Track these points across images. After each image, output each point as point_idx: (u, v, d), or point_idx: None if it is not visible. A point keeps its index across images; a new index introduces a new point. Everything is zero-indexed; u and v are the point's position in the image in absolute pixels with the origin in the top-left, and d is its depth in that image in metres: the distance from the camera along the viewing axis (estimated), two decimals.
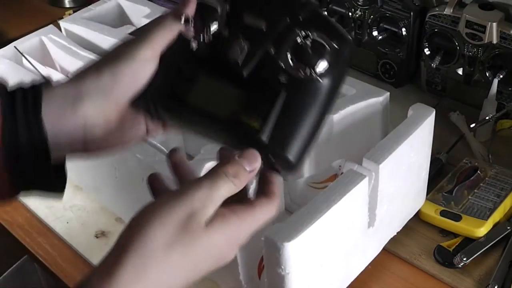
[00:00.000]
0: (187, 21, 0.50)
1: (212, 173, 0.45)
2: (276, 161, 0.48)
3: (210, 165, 0.68)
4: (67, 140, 0.47)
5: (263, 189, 0.48)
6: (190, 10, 0.51)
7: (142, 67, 0.48)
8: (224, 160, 0.47)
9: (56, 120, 0.47)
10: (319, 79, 0.48)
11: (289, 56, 0.48)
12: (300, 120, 0.48)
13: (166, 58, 0.50)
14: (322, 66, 0.48)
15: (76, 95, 0.47)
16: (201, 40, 0.50)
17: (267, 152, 0.47)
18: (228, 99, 0.48)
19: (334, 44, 0.49)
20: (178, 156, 0.52)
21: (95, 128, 0.48)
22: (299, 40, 0.48)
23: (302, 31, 0.49)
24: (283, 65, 0.48)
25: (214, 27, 0.50)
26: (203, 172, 0.68)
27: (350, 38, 0.51)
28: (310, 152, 0.49)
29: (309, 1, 0.51)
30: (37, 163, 0.47)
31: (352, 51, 0.51)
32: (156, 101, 0.50)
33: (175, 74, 0.50)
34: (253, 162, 0.46)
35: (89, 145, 0.49)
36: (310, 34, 0.49)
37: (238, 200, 0.47)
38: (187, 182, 0.46)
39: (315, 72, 0.48)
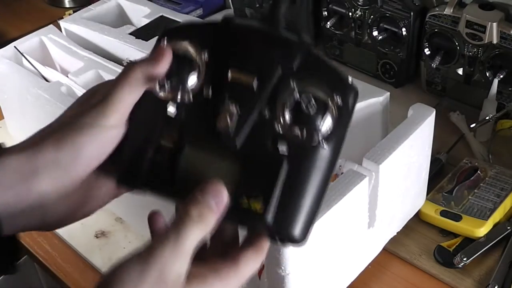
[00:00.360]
0: (160, 83, 0.43)
1: (176, 220, 0.39)
2: (281, 239, 0.43)
3: None
4: (22, 218, 0.42)
5: (251, 240, 0.43)
6: (163, 68, 0.43)
7: (108, 135, 0.42)
8: (187, 200, 0.40)
9: (7, 198, 0.40)
10: (324, 144, 0.42)
11: (286, 118, 0.41)
12: (305, 193, 0.41)
13: (138, 125, 0.43)
14: (325, 128, 0.41)
15: (31, 170, 0.41)
16: (180, 102, 0.43)
17: (272, 234, 0.42)
18: (219, 176, 0.41)
19: (338, 97, 0.42)
20: (157, 220, 0.44)
21: (54, 206, 0.42)
22: (296, 97, 0.41)
23: (298, 85, 0.41)
24: (280, 130, 0.41)
25: (193, 84, 0.43)
26: None
27: (353, 82, 0.43)
28: (314, 223, 0.43)
29: (301, 41, 0.43)
30: None
31: (357, 97, 0.43)
32: (129, 178, 0.43)
33: (152, 146, 0.43)
34: (219, 196, 0.40)
35: (48, 221, 0.43)
36: (307, 88, 0.41)
37: (221, 253, 0.42)
38: (154, 237, 0.40)
39: (319, 137, 0.41)
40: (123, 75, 0.43)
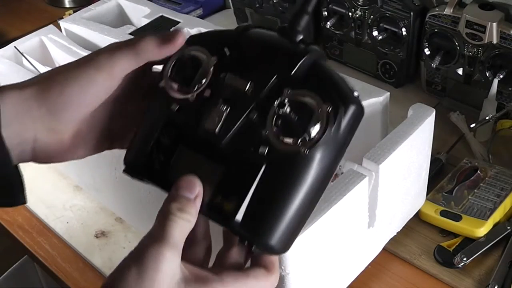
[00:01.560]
0: (171, 81, 0.45)
1: (159, 219, 0.40)
2: (255, 245, 0.42)
3: None
4: (17, 152, 0.44)
5: (259, 261, 0.44)
6: (172, 48, 0.46)
7: (95, 89, 0.45)
8: (165, 199, 0.42)
9: (10, 132, 0.43)
10: (305, 152, 0.41)
11: (272, 124, 0.41)
12: (283, 201, 0.41)
13: (147, 119, 0.46)
14: (309, 136, 0.41)
15: (26, 110, 0.44)
16: (183, 101, 0.44)
17: (243, 238, 0.42)
18: (203, 175, 0.42)
19: (328, 107, 0.41)
20: None
21: (45, 144, 0.45)
22: (285, 104, 0.41)
23: (291, 93, 0.42)
24: (265, 135, 0.41)
25: (198, 85, 0.44)
26: None
27: (357, 96, 0.43)
28: (298, 234, 0.43)
29: (306, 51, 0.44)
30: None
31: (360, 113, 0.43)
32: (131, 164, 0.47)
33: (152, 141, 0.45)
34: (192, 188, 0.41)
35: (38, 157, 0.46)
36: (299, 96, 0.41)
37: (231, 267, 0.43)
38: (143, 237, 0.41)
39: (301, 144, 0.41)
40: (132, 42, 0.45)
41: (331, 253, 0.68)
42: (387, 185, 0.72)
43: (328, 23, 1.13)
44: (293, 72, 0.43)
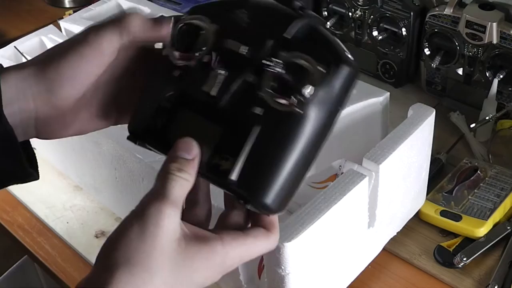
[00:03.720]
0: (173, 49, 0.47)
1: (159, 178, 0.42)
2: (250, 204, 0.43)
3: None
4: (20, 129, 0.46)
5: (258, 222, 0.45)
6: (160, 31, 0.48)
7: (88, 66, 0.46)
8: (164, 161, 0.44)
9: (13, 109, 0.45)
10: (299, 112, 0.42)
11: (267, 83, 0.42)
12: (277, 159, 0.42)
13: (149, 86, 0.48)
14: (303, 94, 0.41)
15: (26, 88, 0.46)
16: (184, 66, 0.46)
17: (240, 196, 0.43)
18: (202, 137, 0.43)
19: (321, 68, 0.42)
20: None
21: (46, 120, 0.47)
22: (279, 64, 0.42)
23: (286, 54, 0.43)
24: (261, 96, 0.42)
25: (199, 52, 0.45)
26: None
27: (351, 58, 0.44)
28: (292, 194, 0.44)
29: (302, 14, 0.45)
30: (7, 155, 0.46)
31: (354, 74, 0.44)
32: (134, 130, 0.48)
33: (156, 105, 0.46)
34: (190, 149, 0.43)
35: (41, 132, 0.48)
36: (293, 56, 0.42)
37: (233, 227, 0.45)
38: (143, 198, 0.43)
39: (293, 102, 0.41)
40: (118, 18, 0.48)
41: (331, 253, 0.68)
42: (387, 185, 0.72)
43: (328, 23, 1.13)
44: (290, 36, 0.43)
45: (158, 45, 0.49)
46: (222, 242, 0.42)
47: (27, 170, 0.47)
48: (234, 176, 0.42)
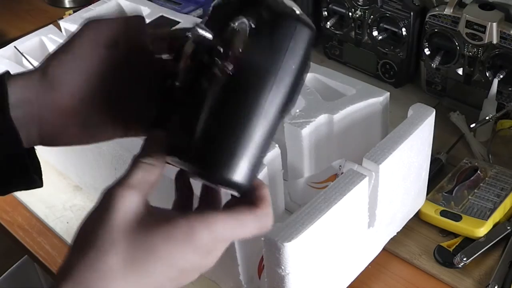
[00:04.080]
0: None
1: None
2: (212, 180, 0.42)
3: None
4: (23, 133, 0.46)
5: (241, 199, 0.43)
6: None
7: (80, 67, 0.47)
8: None
9: (17, 114, 0.46)
10: (230, 71, 0.40)
11: (213, 57, 0.41)
12: (227, 129, 0.40)
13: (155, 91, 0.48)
14: (233, 55, 0.40)
15: (31, 93, 0.47)
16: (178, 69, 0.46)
17: (201, 174, 0.42)
18: (173, 123, 0.44)
19: (251, 21, 0.40)
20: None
21: (50, 125, 0.47)
22: (221, 35, 0.41)
23: (232, 23, 0.41)
24: (209, 71, 0.41)
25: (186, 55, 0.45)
26: None
27: (293, 12, 0.42)
28: (255, 165, 0.41)
29: None
30: (11, 162, 0.46)
31: (293, 26, 0.41)
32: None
33: (157, 111, 0.47)
34: (154, 137, 0.44)
35: (44, 138, 0.48)
36: (231, 22, 0.41)
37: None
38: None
39: (225, 65, 0.40)
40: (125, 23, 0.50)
41: (331, 253, 0.68)
42: (387, 185, 0.72)
43: (328, 23, 1.13)
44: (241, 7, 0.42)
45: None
46: (186, 217, 0.41)
47: (32, 177, 0.48)
48: (191, 155, 0.41)
